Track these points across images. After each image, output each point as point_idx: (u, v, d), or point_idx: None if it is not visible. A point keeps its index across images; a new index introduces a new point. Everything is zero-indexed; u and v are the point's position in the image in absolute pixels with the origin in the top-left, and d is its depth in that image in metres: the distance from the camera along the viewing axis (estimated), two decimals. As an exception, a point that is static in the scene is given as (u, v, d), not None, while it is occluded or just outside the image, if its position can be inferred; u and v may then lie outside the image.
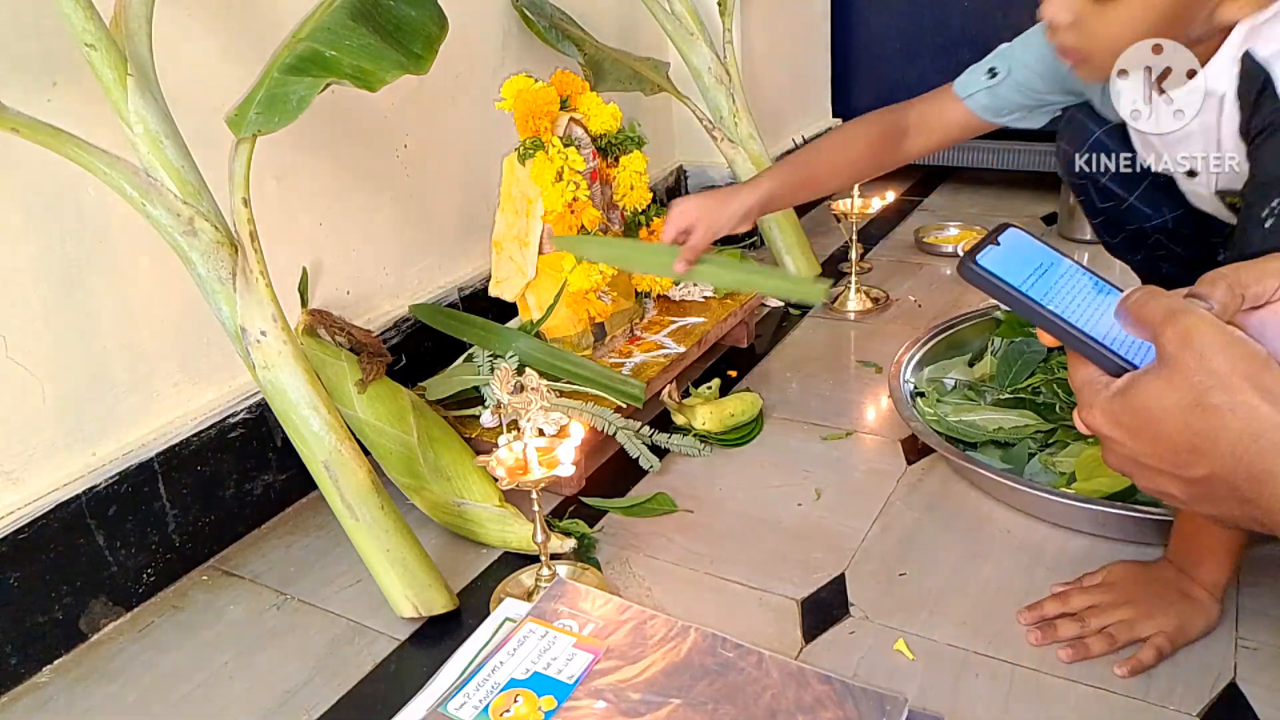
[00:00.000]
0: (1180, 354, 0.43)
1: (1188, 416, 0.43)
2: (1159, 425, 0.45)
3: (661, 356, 1.22)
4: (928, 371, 1.23)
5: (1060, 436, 1.05)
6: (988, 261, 0.49)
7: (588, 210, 1.14)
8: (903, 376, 1.20)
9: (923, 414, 1.11)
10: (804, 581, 0.92)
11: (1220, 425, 0.43)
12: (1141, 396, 0.45)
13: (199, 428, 1.00)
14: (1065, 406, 1.06)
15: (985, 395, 1.14)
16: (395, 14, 0.84)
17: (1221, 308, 0.46)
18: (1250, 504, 0.44)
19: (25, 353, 0.87)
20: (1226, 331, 0.43)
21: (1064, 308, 0.48)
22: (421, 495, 1.01)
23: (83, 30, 0.72)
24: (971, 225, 1.89)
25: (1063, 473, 1.00)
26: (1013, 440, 1.05)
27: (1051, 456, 1.03)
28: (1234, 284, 0.46)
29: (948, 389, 1.18)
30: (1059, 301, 0.48)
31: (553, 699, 0.69)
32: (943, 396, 1.15)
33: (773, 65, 1.95)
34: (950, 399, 1.15)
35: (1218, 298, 0.46)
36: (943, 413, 1.10)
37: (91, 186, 0.87)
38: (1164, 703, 0.75)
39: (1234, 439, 0.43)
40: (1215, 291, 0.46)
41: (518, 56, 1.41)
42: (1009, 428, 1.06)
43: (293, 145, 1.06)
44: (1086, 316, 0.48)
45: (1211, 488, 0.45)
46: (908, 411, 1.11)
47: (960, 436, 1.07)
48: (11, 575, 0.85)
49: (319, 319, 1.10)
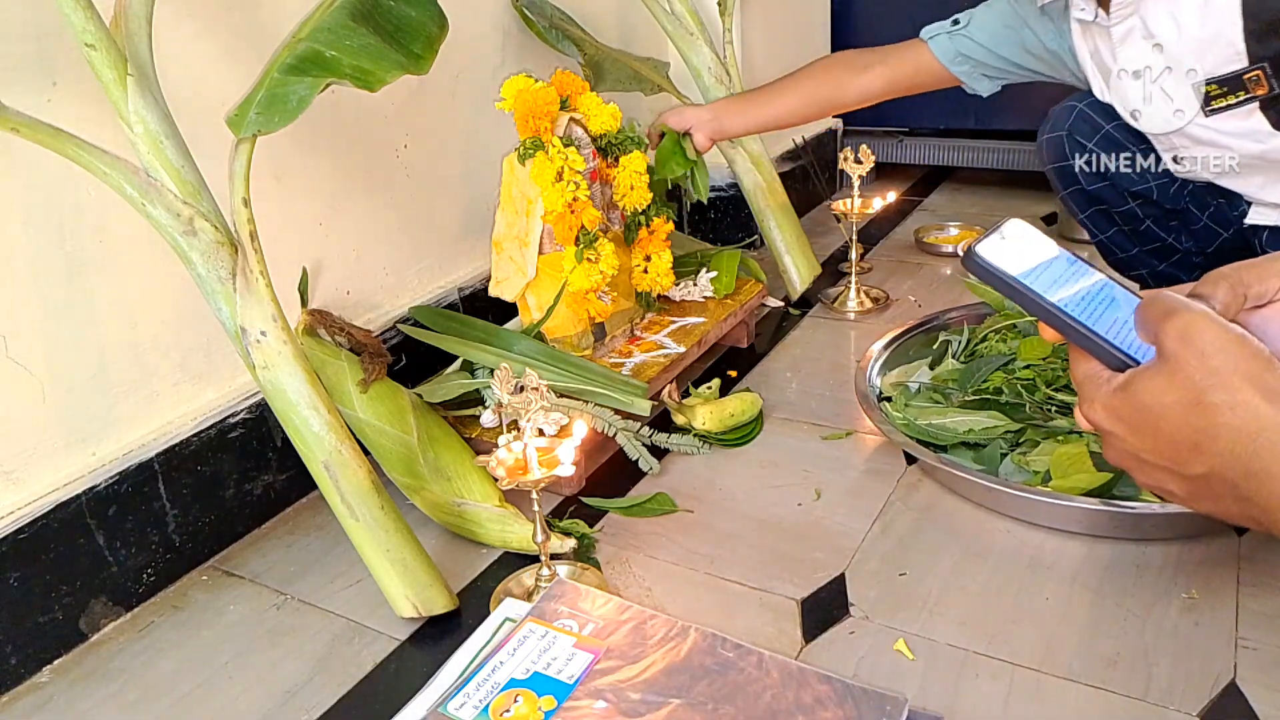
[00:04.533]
0: (1181, 351, 0.43)
1: (1188, 414, 0.43)
2: (1159, 422, 0.45)
3: (661, 356, 1.22)
4: (892, 375, 1.24)
5: (1030, 436, 1.05)
6: (990, 253, 0.49)
7: (588, 210, 1.14)
8: (869, 381, 1.20)
9: (892, 418, 1.11)
10: (804, 581, 0.92)
11: (1220, 423, 0.43)
12: (1142, 393, 0.45)
13: (199, 428, 1.00)
14: (1033, 405, 1.07)
15: (950, 397, 1.14)
16: (395, 14, 0.84)
17: (1224, 307, 0.46)
18: (1248, 502, 0.44)
19: (25, 353, 0.87)
20: (1228, 330, 0.43)
21: (1066, 301, 0.48)
22: (421, 495, 1.01)
23: (83, 30, 0.72)
24: (971, 225, 1.89)
25: (1036, 471, 1.00)
26: (984, 441, 1.05)
27: (1024, 456, 1.03)
28: (1236, 283, 0.46)
29: (913, 392, 1.18)
30: (1061, 295, 0.48)
31: (553, 699, 0.69)
32: (909, 400, 1.15)
33: (773, 65, 1.94)
34: (916, 402, 1.15)
35: (1220, 297, 0.46)
36: (911, 416, 1.10)
37: (91, 186, 0.87)
38: (1164, 703, 0.75)
39: (1233, 437, 0.43)
40: (1217, 291, 0.46)
41: (517, 56, 1.41)
42: (979, 429, 1.06)
43: (293, 145, 1.06)
44: (1088, 311, 0.48)
45: (1210, 485, 0.45)
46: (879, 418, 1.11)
47: (932, 440, 1.07)
48: (11, 575, 0.85)
49: (319, 319, 1.10)
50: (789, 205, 1.60)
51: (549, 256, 1.16)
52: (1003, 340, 1.20)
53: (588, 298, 1.18)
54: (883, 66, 1.30)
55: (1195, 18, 1.00)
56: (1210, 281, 0.47)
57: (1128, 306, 0.48)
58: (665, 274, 1.29)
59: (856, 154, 1.52)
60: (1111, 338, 0.47)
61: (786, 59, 2.01)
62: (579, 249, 1.14)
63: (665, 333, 1.29)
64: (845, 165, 1.53)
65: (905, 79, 1.30)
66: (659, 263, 1.29)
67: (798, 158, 2.03)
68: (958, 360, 1.21)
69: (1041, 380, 1.09)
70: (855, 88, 1.32)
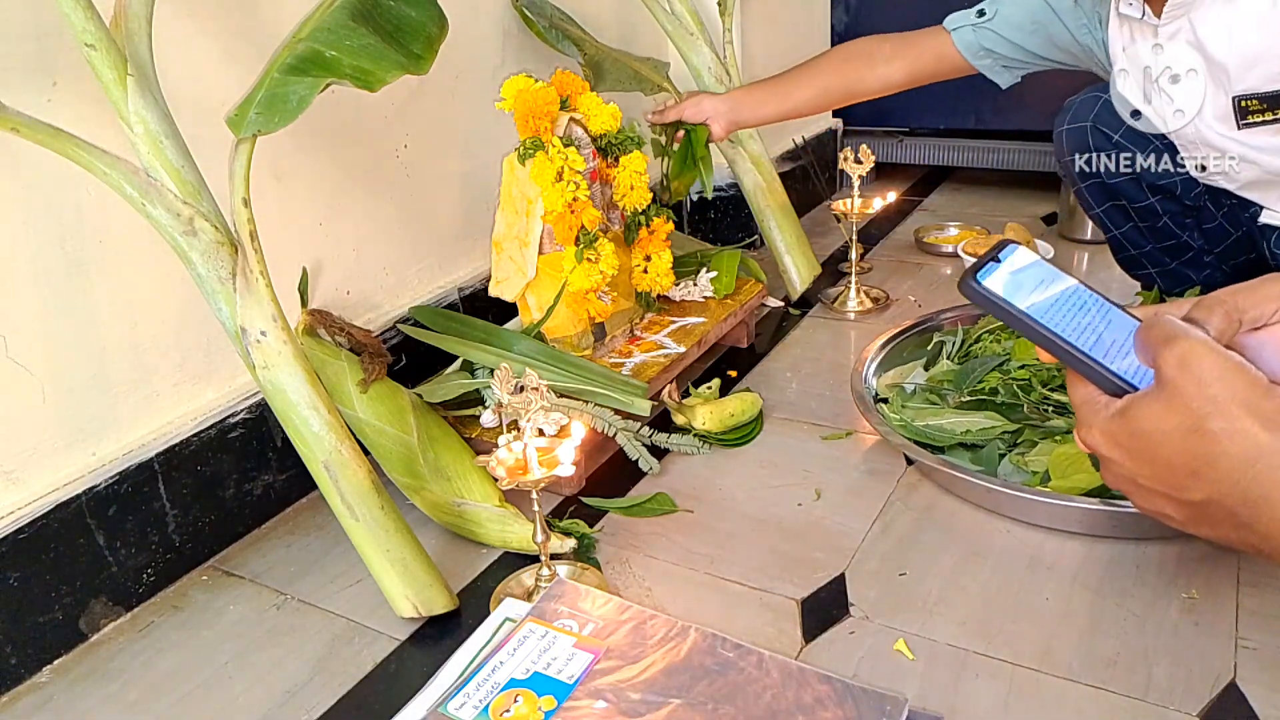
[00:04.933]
0: (1179, 378, 0.44)
1: (1186, 441, 0.44)
2: (1157, 448, 0.45)
3: (661, 356, 1.22)
4: (887, 376, 1.24)
5: (1027, 436, 1.05)
6: (988, 280, 0.49)
7: (588, 210, 1.14)
8: (865, 382, 1.20)
9: (889, 420, 1.11)
10: (804, 581, 0.92)
11: (1219, 451, 0.43)
12: (1140, 419, 0.45)
13: (199, 428, 1.00)
14: (1029, 405, 1.07)
15: (947, 398, 1.14)
16: (395, 14, 0.84)
17: (1219, 332, 0.46)
18: (1247, 528, 0.44)
19: (25, 353, 0.87)
20: (1224, 357, 0.44)
21: (1064, 327, 0.48)
22: (421, 495, 1.01)
23: (83, 30, 0.72)
24: (971, 225, 1.89)
25: (1035, 472, 1.00)
26: (981, 442, 1.05)
27: (1022, 456, 1.03)
28: (1231, 309, 0.47)
29: (908, 393, 1.18)
30: (1059, 321, 0.48)
31: (553, 699, 0.69)
32: (906, 401, 1.15)
33: (773, 65, 1.94)
34: (913, 404, 1.15)
35: (1214, 323, 0.46)
36: (908, 417, 1.10)
37: (91, 186, 0.87)
38: (1164, 703, 0.75)
39: (1232, 464, 0.43)
40: (1213, 316, 0.47)
41: (517, 56, 1.41)
42: (976, 430, 1.06)
43: (293, 145, 1.06)
44: (1086, 336, 0.48)
45: (1209, 511, 0.45)
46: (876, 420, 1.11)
47: (929, 441, 1.07)
48: (11, 575, 0.85)
49: (319, 319, 1.10)
50: (789, 205, 1.60)
51: (549, 256, 1.16)
52: (997, 341, 1.20)
53: (588, 298, 1.18)
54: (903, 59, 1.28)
55: (1252, 33, 0.99)
56: (1205, 306, 0.47)
57: (1125, 330, 0.48)
58: (665, 274, 1.29)
59: (856, 154, 1.52)
60: (1109, 363, 0.47)
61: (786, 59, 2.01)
62: (579, 249, 1.14)
63: (665, 333, 1.29)
64: (845, 165, 1.53)
65: (927, 70, 1.28)
66: (659, 263, 1.29)
67: (798, 158, 2.04)
68: (953, 361, 1.21)
69: (1037, 380, 1.09)
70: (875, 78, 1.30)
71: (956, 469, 1.01)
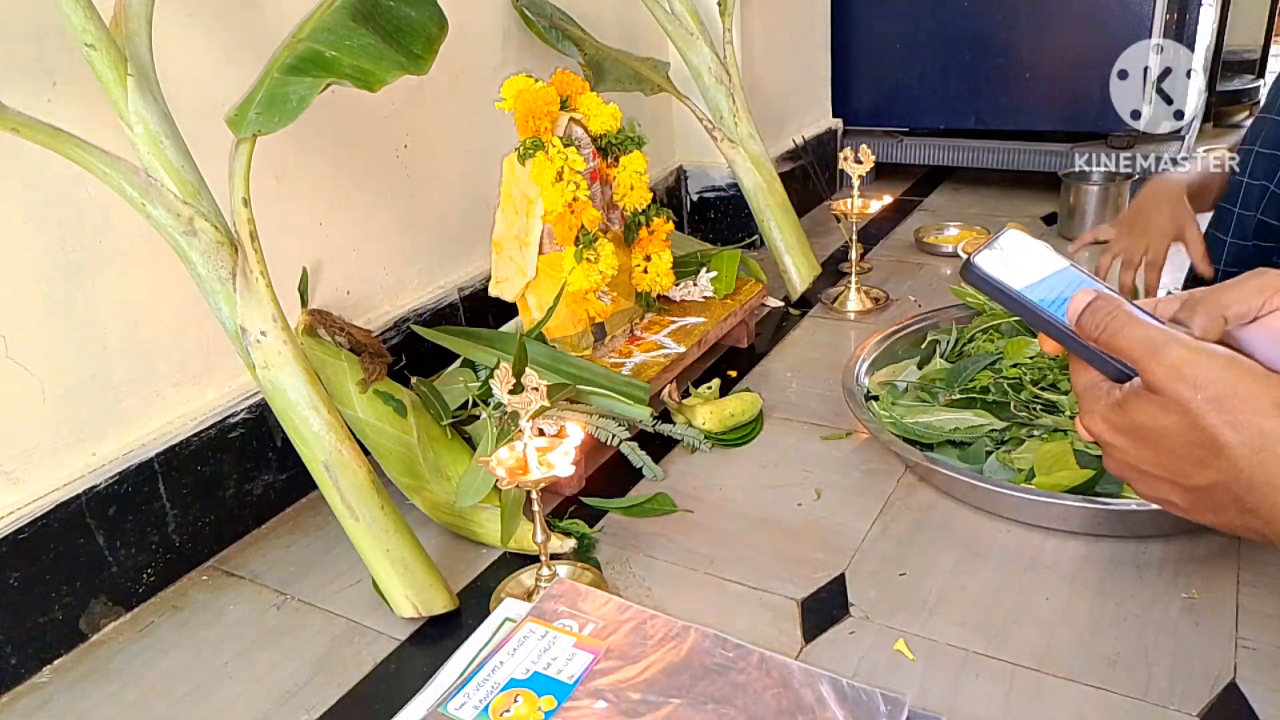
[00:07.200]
0: (1173, 387, 0.44)
1: (1189, 432, 0.44)
2: (1160, 436, 0.45)
3: (661, 356, 1.22)
4: (880, 374, 1.24)
5: (1014, 434, 1.05)
6: (989, 265, 0.49)
7: (588, 210, 1.14)
8: (857, 380, 1.20)
9: (879, 417, 1.11)
10: (804, 581, 0.92)
11: (1223, 440, 0.43)
12: (1140, 412, 0.45)
13: (199, 428, 1.00)
14: (1018, 404, 1.07)
15: (937, 396, 1.14)
16: (395, 14, 0.84)
17: (1203, 332, 0.46)
18: (1251, 514, 0.44)
19: (25, 353, 0.87)
20: (1215, 356, 0.44)
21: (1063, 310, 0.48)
22: (421, 495, 1.01)
23: (83, 30, 0.72)
24: (971, 225, 1.89)
25: (1020, 469, 1.01)
26: (969, 440, 1.06)
27: (1008, 454, 1.03)
28: (1214, 306, 0.47)
29: (900, 391, 1.18)
30: (1060, 306, 0.48)
31: (553, 699, 0.69)
32: (896, 399, 1.16)
33: (773, 65, 1.95)
34: (904, 401, 1.15)
35: (1198, 324, 0.46)
36: (898, 415, 1.10)
37: (92, 187, 0.87)
38: (1164, 703, 0.75)
39: (1237, 450, 0.43)
40: (1195, 316, 0.47)
41: (518, 56, 1.41)
42: (965, 428, 1.06)
43: (293, 145, 1.06)
44: None
45: (1213, 497, 0.45)
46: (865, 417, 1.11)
47: (918, 438, 1.07)
48: (11, 575, 0.85)
49: (319, 319, 1.10)
50: (789, 205, 1.60)
51: (549, 256, 1.16)
52: (990, 340, 1.21)
53: (587, 298, 1.18)
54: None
55: None
56: (1188, 306, 0.48)
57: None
58: (665, 274, 1.29)
59: (856, 154, 1.52)
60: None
61: (786, 59, 2.02)
62: (579, 249, 1.14)
63: (665, 333, 1.29)
64: (845, 165, 1.53)
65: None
66: (659, 263, 1.29)
67: (798, 158, 2.04)
68: (945, 359, 1.22)
69: (1028, 379, 1.09)
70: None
71: (948, 468, 1.01)
